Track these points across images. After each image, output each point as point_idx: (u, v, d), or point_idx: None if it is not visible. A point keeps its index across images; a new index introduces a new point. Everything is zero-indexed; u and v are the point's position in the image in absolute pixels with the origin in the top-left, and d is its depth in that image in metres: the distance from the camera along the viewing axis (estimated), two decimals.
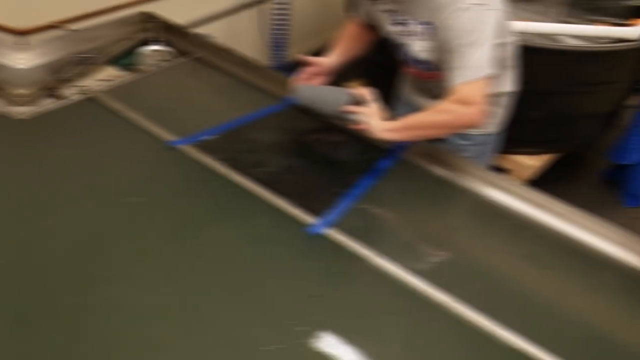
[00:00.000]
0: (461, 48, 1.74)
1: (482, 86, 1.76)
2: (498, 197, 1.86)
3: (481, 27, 1.73)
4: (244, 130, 2.05)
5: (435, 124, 1.83)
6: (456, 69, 1.76)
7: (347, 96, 1.91)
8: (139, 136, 1.98)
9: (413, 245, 1.70)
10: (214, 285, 1.47)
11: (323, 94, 1.98)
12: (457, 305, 1.45)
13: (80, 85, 2.30)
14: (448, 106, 1.78)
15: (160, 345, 1.31)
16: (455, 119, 1.79)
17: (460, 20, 1.73)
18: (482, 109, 1.76)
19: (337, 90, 1.96)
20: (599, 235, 1.73)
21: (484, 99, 1.76)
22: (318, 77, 2.13)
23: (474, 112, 1.75)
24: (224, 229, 1.65)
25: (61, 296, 1.39)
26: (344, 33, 2.19)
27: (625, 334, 1.48)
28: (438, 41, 1.84)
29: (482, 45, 1.73)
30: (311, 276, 1.54)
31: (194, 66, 2.48)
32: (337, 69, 2.16)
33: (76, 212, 1.66)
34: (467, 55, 1.73)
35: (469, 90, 1.75)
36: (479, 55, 1.73)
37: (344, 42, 2.18)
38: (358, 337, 1.37)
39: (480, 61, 1.73)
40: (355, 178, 1.85)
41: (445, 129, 1.89)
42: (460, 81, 1.75)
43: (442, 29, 1.79)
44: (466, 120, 1.78)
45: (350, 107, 1.89)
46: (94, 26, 2.55)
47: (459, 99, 1.75)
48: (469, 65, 1.74)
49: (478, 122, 1.78)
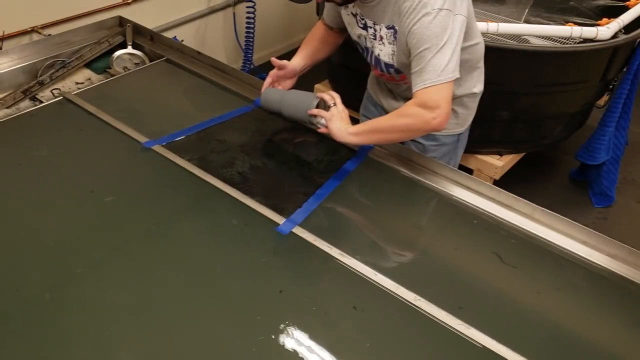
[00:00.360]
0: (425, 53, 1.75)
1: (445, 90, 1.76)
2: (465, 197, 1.87)
3: (445, 32, 1.73)
4: (215, 131, 2.08)
5: (398, 127, 1.84)
6: (419, 73, 1.77)
7: (313, 100, 1.95)
8: (114, 137, 2.01)
9: (379, 244, 1.74)
10: (184, 282, 1.50)
11: (290, 98, 2.01)
12: (423, 303, 1.48)
13: (56, 88, 2.34)
14: (410, 110, 1.80)
15: (128, 342, 1.34)
16: (417, 123, 1.79)
17: (424, 25, 1.73)
18: (445, 112, 1.77)
19: (304, 94, 2.00)
20: (565, 234, 1.74)
21: (447, 102, 1.77)
22: (284, 80, 2.17)
23: (436, 116, 1.76)
24: (194, 227, 1.68)
25: (33, 294, 1.42)
26: (312, 35, 2.23)
27: (591, 333, 1.49)
28: (402, 45, 1.85)
29: (445, 49, 1.73)
30: (279, 274, 1.56)
31: (167, 69, 2.52)
32: (302, 71, 2.19)
33: (52, 211, 1.70)
34: (431, 60, 1.74)
35: (431, 94, 1.75)
36: (443, 59, 1.73)
37: (310, 45, 2.21)
38: (324, 334, 1.40)
39: (443, 66, 1.73)
40: (323, 178, 1.88)
41: (408, 133, 1.89)
42: (423, 85, 1.76)
43: (407, 34, 1.79)
44: (428, 124, 1.78)
45: (314, 110, 1.94)
46: (69, 31, 2.58)
47: (422, 102, 1.77)
48: (432, 70, 1.74)
49: (440, 126, 1.79)
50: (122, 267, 1.53)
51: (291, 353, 1.33)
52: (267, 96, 2.07)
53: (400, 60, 1.91)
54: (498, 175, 3.29)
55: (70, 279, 1.47)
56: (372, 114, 2.39)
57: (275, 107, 2.04)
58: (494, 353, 1.37)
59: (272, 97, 2.06)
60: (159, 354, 1.32)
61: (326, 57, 2.26)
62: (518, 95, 3.05)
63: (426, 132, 1.84)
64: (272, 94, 2.07)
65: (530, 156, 3.63)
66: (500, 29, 2.96)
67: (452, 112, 2.11)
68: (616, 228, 3.46)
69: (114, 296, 1.44)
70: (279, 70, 2.13)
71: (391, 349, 1.38)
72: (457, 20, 1.75)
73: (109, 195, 1.75)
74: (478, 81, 2.14)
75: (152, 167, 1.90)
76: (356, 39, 2.07)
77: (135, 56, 2.60)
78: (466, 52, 1.95)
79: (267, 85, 2.14)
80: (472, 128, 2.29)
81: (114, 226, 1.66)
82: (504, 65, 2.86)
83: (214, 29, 4.32)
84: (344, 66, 3.40)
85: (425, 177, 1.95)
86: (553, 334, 1.45)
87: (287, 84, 2.19)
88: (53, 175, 1.85)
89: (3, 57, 2.35)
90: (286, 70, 2.13)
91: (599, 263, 1.67)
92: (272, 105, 2.05)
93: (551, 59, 2.91)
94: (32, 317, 1.37)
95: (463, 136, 2.25)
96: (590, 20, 3.43)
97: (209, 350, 1.33)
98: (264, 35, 4.69)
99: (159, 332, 1.36)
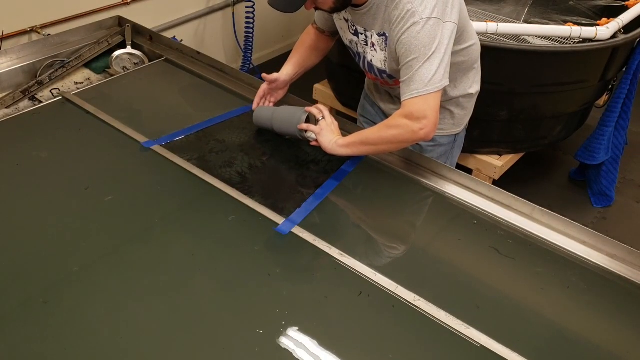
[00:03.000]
0: (412, 63, 1.75)
1: (432, 100, 1.76)
2: (464, 197, 1.87)
3: (434, 42, 1.73)
4: (214, 131, 2.08)
5: (386, 139, 1.84)
6: (407, 83, 1.77)
7: (301, 115, 1.96)
8: (113, 137, 2.01)
9: (379, 244, 1.74)
10: (182, 282, 1.50)
11: (280, 115, 2.02)
12: (422, 303, 1.48)
13: (55, 88, 2.34)
14: (398, 121, 1.80)
15: (126, 341, 1.34)
16: (405, 134, 1.80)
17: (412, 35, 1.73)
18: (432, 122, 1.77)
19: (293, 109, 2.01)
20: (565, 234, 1.74)
21: (433, 112, 1.77)
22: (276, 91, 2.18)
23: (423, 127, 1.76)
24: (193, 227, 1.68)
25: (27, 295, 1.42)
26: (302, 42, 2.22)
27: (590, 333, 1.49)
28: (393, 53, 1.85)
29: (433, 59, 1.73)
30: (279, 274, 1.56)
31: (166, 69, 2.52)
32: (293, 79, 2.19)
33: (51, 211, 1.70)
34: (418, 70, 1.74)
35: (419, 105, 1.76)
36: (430, 69, 1.73)
37: (300, 52, 2.20)
38: (324, 333, 1.40)
39: (430, 76, 1.73)
40: (322, 178, 1.89)
41: (396, 144, 1.87)
42: (410, 95, 1.76)
43: (395, 42, 1.79)
44: (416, 134, 1.78)
45: (303, 125, 1.94)
46: (68, 31, 2.59)
47: (409, 113, 1.77)
48: (420, 80, 1.74)
49: (428, 136, 1.79)
50: (121, 266, 1.53)
51: (291, 353, 1.33)
52: (258, 114, 2.07)
53: (392, 66, 1.92)
54: (497, 175, 3.29)
55: (67, 277, 1.47)
56: (370, 114, 2.40)
57: (266, 125, 2.05)
58: (493, 353, 1.37)
59: (263, 114, 2.06)
60: (158, 353, 1.32)
61: (317, 63, 2.26)
62: (517, 95, 3.05)
63: (414, 142, 1.85)
64: (262, 112, 2.07)
65: (530, 156, 3.64)
66: (500, 29, 2.96)
67: (449, 112, 2.13)
68: (615, 228, 3.45)
69: (114, 295, 1.44)
70: (271, 84, 2.14)
71: (391, 348, 1.38)
72: (446, 28, 1.75)
73: (107, 195, 1.75)
74: (474, 82, 2.14)
75: (151, 167, 1.90)
76: (348, 44, 2.07)
77: (134, 56, 2.61)
78: (461, 54, 1.96)
79: (258, 100, 2.15)
80: (472, 128, 2.30)
81: (113, 226, 1.66)
82: (503, 65, 2.86)
83: (213, 29, 4.32)
84: (343, 66, 3.40)
85: (424, 177, 1.95)
86: (552, 334, 1.46)
87: (279, 94, 2.20)
88: (52, 175, 1.85)
89: (2, 57, 2.35)
90: (277, 83, 2.13)
91: (598, 263, 1.67)
92: (264, 122, 2.06)
93: (550, 59, 2.91)
94: (29, 316, 1.37)
95: (460, 136, 2.26)
96: (589, 20, 3.43)
97: (208, 350, 1.32)
98: (263, 35, 4.70)
99: (159, 332, 1.36)
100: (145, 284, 1.49)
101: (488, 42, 2.83)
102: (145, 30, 2.68)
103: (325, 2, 1.82)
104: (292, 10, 1.77)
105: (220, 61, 2.47)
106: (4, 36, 2.86)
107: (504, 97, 3.04)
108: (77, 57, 2.46)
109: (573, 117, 3.42)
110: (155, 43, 2.66)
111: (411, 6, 1.72)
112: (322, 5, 1.83)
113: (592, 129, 3.54)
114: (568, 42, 3.16)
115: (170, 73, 2.49)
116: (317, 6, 1.84)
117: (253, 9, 4.11)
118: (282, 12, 1.78)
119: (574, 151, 3.69)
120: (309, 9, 1.87)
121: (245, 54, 4.33)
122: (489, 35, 3.12)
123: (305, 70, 2.22)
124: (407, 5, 1.73)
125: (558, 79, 3.04)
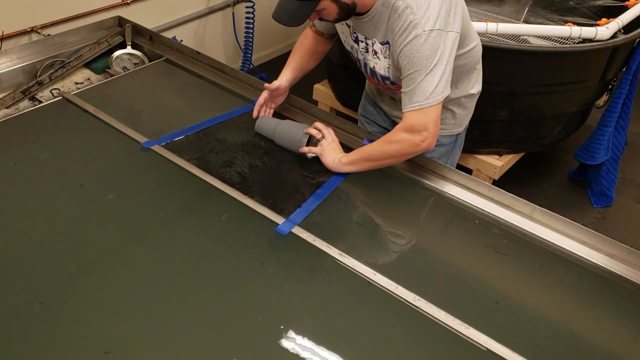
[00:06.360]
0: (414, 75, 1.75)
1: (433, 112, 1.77)
2: (464, 197, 1.88)
3: (436, 54, 1.73)
4: (214, 130, 2.08)
5: (389, 154, 1.86)
6: (409, 95, 1.78)
7: (302, 138, 1.96)
8: (113, 137, 2.01)
9: (379, 244, 1.75)
10: (182, 282, 1.50)
11: (281, 131, 2.01)
12: (422, 303, 1.48)
13: (56, 88, 2.34)
14: (399, 136, 1.81)
15: (125, 341, 1.34)
16: (407, 148, 1.81)
17: (415, 48, 1.73)
18: (432, 134, 1.78)
19: (294, 128, 2.01)
20: (565, 234, 1.75)
21: (434, 124, 1.78)
22: (277, 97, 2.18)
23: (424, 139, 1.78)
24: (193, 227, 1.68)
25: (28, 294, 1.42)
26: (300, 45, 2.21)
27: (590, 333, 1.49)
28: (395, 62, 1.84)
29: (435, 71, 1.73)
30: (278, 274, 1.56)
31: (166, 69, 2.52)
32: (292, 83, 2.19)
33: (50, 211, 1.70)
34: (420, 83, 1.74)
35: (420, 118, 1.77)
36: (432, 82, 1.74)
37: (299, 57, 2.20)
38: (324, 333, 1.40)
39: (432, 89, 1.74)
40: (322, 178, 1.89)
41: (399, 158, 1.89)
42: (411, 108, 1.77)
43: (398, 53, 1.79)
44: (418, 147, 1.80)
45: (304, 149, 1.95)
46: (68, 31, 2.58)
47: (409, 127, 1.78)
48: (421, 92, 1.75)
49: (430, 147, 1.81)
50: (121, 266, 1.53)
51: (290, 353, 1.33)
52: (260, 127, 2.08)
53: (395, 74, 1.92)
54: (497, 175, 3.29)
55: (66, 277, 1.48)
56: (372, 114, 2.40)
57: (268, 136, 2.05)
58: (493, 353, 1.37)
59: (265, 127, 2.06)
60: (157, 352, 1.32)
61: (315, 66, 2.26)
62: (517, 95, 3.04)
63: (417, 153, 1.86)
64: (264, 125, 2.07)
65: (530, 156, 3.64)
66: (500, 29, 2.96)
67: (450, 112, 2.12)
68: (615, 228, 3.45)
69: (113, 295, 1.44)
70: (272, 92, 2.14)
71: (391, 348, 1.38)
72: (448, 38, 1.75)
73: (107, 195, 1.75)
74: (476, 82, 2.14)
75: (151, 167, 1.90)
76: (349, 49, 2.08)
77: (134, 56, 2.61)
78: (462, 57, 1.96)
79: (258, 108, 2.15)
80: (472, 128, 2.30)
81: (113, 226, 1.66)
82: (503, 65, 2.86)
83: (213, 29, 4.32)
84: (343, 66, 3.39)
85: (424, 177, 1.95)
86: (552, 334, 1.46)
87: (280, 100, 2.20)
88: (52, 175, 1.85)
89: (2, 57, 2.35)
90: (278, 90, 2.14)
91: (598, 263, 1.67)
92: (266, 134, 2.06)
93: (550, 59, 2.91)
94: (28, 315, 1.37)
95: (460, 137, 2.26)
96: (589, 20, 3.43)
97: (208, 349, 1.33)
98: (263, 35, 4.69)
99: (158, 332, 1.36)
100: (145, 284, 1.48)
101: (488, 42, 2.83)
102: (145, 31, 2.68)
103: (330, 13, 1.81)
104: (296, 24, 1.77)
105: (220, 61, 2.47)
106: (4, 36, 2.86)
107: (504, 97, 3.03)
108: (77, 57, 2.46)
109: (573, 117, 3.42)
110: (155, 43, 2.66)
111: (414, 17, 1.72)
112: (326, 16, 1.83)
113: (592, 129, 3.54)
114: (568, 42, 3.16)
115: (170, 73, 2.49)
116: (321, 17, 1.84)
117: (253, 9, 4.11)
118: (286, 26, 1.77)
119: (574, 151, 3.69)
120: (313, 20, 1.86)
121: (245, 54, 4.33)
122: (489, 35, 3.12)
123: (304, 73, 2.22)
124: (410, 16, 1.72)
125: (558, 79, 3.04)
